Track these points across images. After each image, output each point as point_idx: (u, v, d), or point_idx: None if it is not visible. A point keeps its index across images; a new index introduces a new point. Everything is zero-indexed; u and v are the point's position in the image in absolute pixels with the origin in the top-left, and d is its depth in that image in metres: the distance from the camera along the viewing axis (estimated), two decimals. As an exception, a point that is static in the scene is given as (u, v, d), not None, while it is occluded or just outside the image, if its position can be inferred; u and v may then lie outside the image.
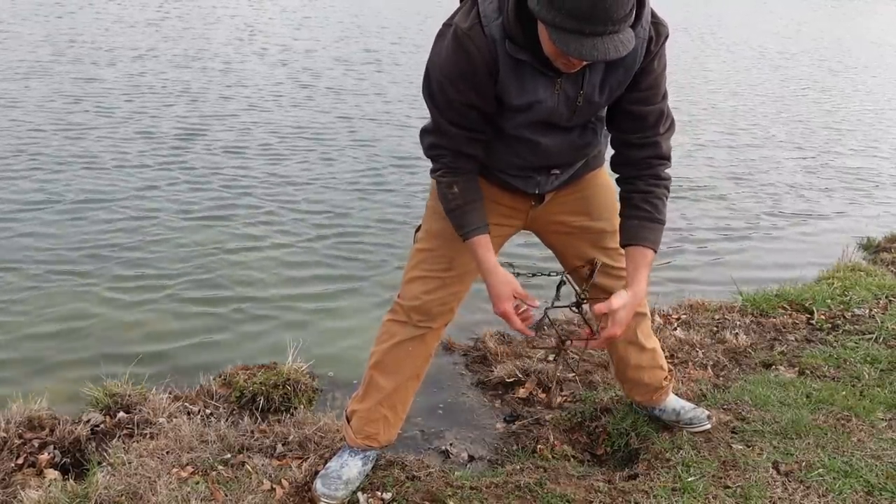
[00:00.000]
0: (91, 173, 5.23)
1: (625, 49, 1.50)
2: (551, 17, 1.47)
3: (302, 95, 8.20)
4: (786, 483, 2.17)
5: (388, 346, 2.09)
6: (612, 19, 1.45)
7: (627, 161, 1.89)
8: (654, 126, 1.83)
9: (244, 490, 2.08)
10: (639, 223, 1.87)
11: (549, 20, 1.48)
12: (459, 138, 1.80)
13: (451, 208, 1.87)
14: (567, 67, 1.62)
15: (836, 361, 2.97)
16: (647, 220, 1.86)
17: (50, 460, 2.30)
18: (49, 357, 3.08)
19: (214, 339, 3.32)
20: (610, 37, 1.47)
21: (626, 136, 1.86)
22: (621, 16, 1.47)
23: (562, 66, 1.62)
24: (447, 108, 1.75)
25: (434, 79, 1.74)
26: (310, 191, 5.26)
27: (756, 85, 11.23)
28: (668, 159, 1.89)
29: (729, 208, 5.59)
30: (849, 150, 7.65)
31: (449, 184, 1.85)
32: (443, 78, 1.71)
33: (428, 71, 1.75)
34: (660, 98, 1.81)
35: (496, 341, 3.22)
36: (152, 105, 7.23)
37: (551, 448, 2.47)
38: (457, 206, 1.86)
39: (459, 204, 1.86)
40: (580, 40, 1.46)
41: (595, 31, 1.46)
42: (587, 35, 1.46)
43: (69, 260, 3.93)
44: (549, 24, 1.48)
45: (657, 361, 2.35)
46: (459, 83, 1.69)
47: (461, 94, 1.71)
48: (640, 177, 1.88)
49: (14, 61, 8.60)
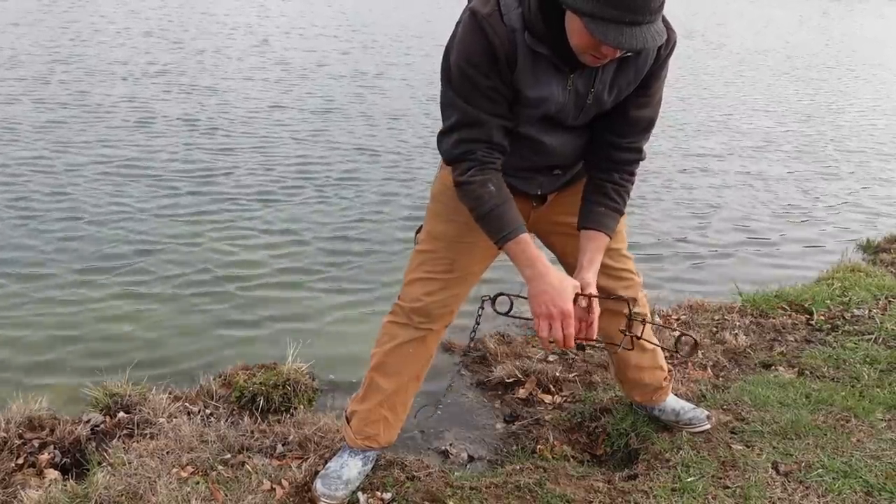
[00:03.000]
0: (91, 174, 5.23)
1: (661, 39, 1.50)
2: (589, 7, 1.46)
3: (303, 95, 8.20)
4: (785, 483, 2.17)
5: (388, 347, 2.09)
6: (650, 8, 1.46)
7: (609, 158, 1.88)
8: (643, 132, 1.85)
9: (244, 490, 2.08)
10: (605, 211, 1.86)
11: (587, 10, 1.46)
12: (492, 126, 1.69)
13: (488, 209, 1.71)
14: (594, 61, 1.60)
15: (836, 362, 2.97)
16: (613, 211, 1.86)
17: (50, 460, 2.30)
18: (49, 357, 3.08)
19: (214, 339, 3.32)
20: (647, 26, 1.47)
21: (615, 138, 1.85)
22: (658, 5, 1.47)
23: (589, 59, 1.59)
24: (475, 95, 1.66)
25: (455, 64, 1.66)
26: (310, 190, 5.25)
27: (756, 84, 11.24)
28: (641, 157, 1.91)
29: (729, 208, 5.59)
30: (849, 150, 7.65)
31: (483, 182, 1.71)
32: (465, 63, 1.64)
33: (449, 59, 1.68)
34: (654, 104, 1.82)
35: (496, 342, 3.22)
36: (152, 105, 7.23)
37: (551, 448, 2.48)
38: (494, 205, 1.71)
39: (497, 203, 1.71)
40: (620, 29, 1.45)
41: (635, 21, 1.45)
42: (627, 24, 1.45)
43: (69, 260, 3.93)
44: (587, 13, 1.47)
45: (657, 362, 2.35)
46: (484, 66, 1.63)
47: (487, 78, 1.64)
48: (617, 170, 1.88)
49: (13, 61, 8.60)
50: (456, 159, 1.74)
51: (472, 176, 1.71)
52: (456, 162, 1.75)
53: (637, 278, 2.17)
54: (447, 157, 1.78)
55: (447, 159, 1.79)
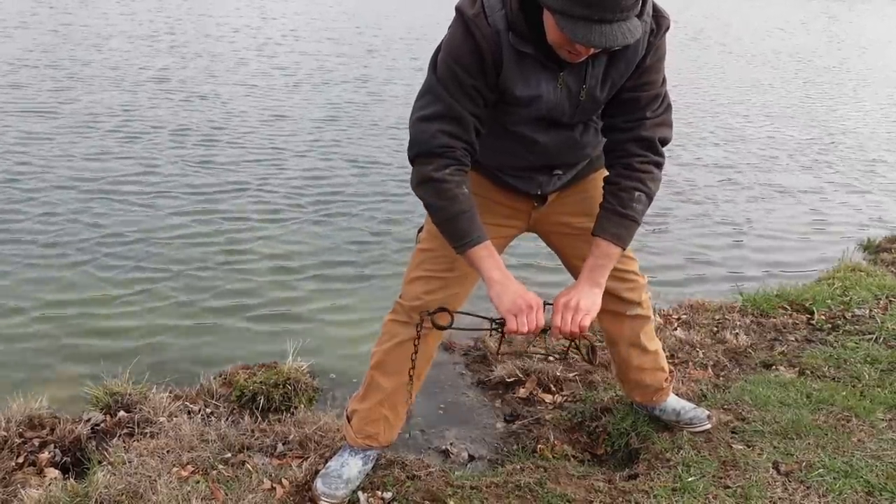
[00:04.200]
0: (92, 174, 5.23)
1: (632, 37, 1.49)
2: (559, 4, 1.46)
3: (304, 94, 8.20)
4: (786, 483, 2.17)
5: (389, 346, 2.09)
6: (620, 6, 1.45)
7: (608, 147, 1.84)
8: (643, 109, 1.76)
9: (244, 489, 2.08)
10: (602, 214, 1.81)
11: (557, 7, 1.47)
12: (471, 126, 1.69)
13: (459, 211, 1.70)
14: (572, 57, 1.60)
15: (837, 362, 2.97)
16: (609, 213, 1.79)
17: (50, 459, 2.30)
18: (49, 356, 3.08)
19: (215, 338, 3.32)
20: (618, 24, 1.46)
21: (613, 120, 1.81)
22: (628, 3, 1.46)
23: (566, 55, 1.59)
24: (459, 92, 1.66)
25: (443, 60, 1.67)
26: (310, 190, 5.25)
27: (756, 85, 11.23)
28: (649, 149, 1.79)
29: (729, 208, 5.58)
30: (850, 150, 7.64)
31: (459, 183, 1.69)
32: (452, 61, 1.65)
33: (440, 53, 1.69)
34: (658, 84, 1.77)
35: (496, 341, 3.22)
36: (153, 103, 7.23)
37: (551, 448, 2.47)
38: (468, 207, 1.70)
39: (469, 206, 1.70)
40: (589, 27, 1.45)
41: (604, 18, 1.45)
42: (596, 22, 1.45)
43: (69, 259, 3.93)
44: (557, 10, 1.47)
45: (659, 363, 2.34)
46: (471, 67, 1.64)
47: (473, 78, 1.64)
48: (613, 166, 1.83)
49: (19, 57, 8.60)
50: (433, 152, 1.70)
51: (452, 175, 1.69)
52: (433, 156, 1.70)
53: (641, 280, 2.17)
54: (423, 147, 1.71)
55: (422, 149, 1.71)
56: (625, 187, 1.79)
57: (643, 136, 1.78)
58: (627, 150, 1.79)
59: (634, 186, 1.79)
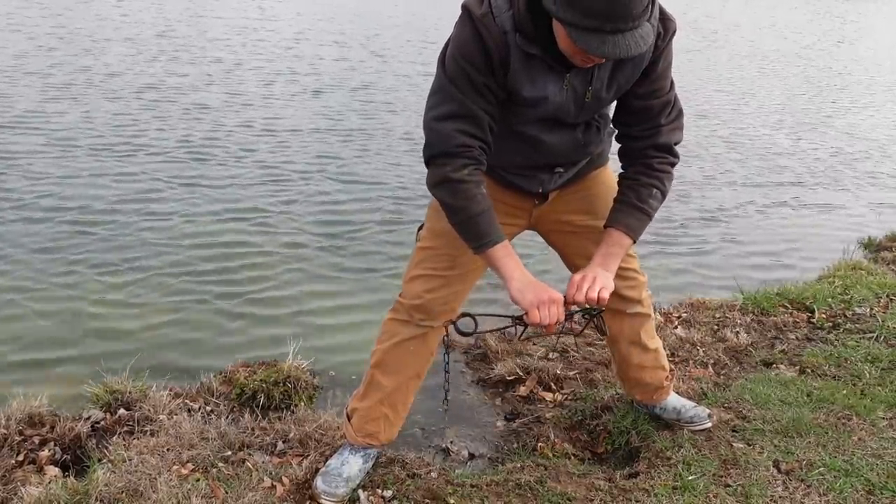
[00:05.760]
0: (92, 174, 5.22)
1: (645, 44, 1.49)
2: (570, 17, 1.46)
3: (304, 91, 8.19)
4: (786, 482, 2.17)
5: (389, 344, 2.09)
6: (631, 15, 1.45)
7: (625, 152, 1.89)
8: (656, 117, 1.81)
9: (245, 487, 2.08)
10: (617, 207, 1.85)
11: (568, 20, 1.46)
12: (485, 123, 1.69)
13: (479, 211, 1.70)
14: (584, 63, 1.61)
15: (837, 360, 2.97)
16: (625, 205, 1.84)
17: (50, 457, 2.30)
18: (50, 354, 3.08)
19: (215, 336, 3.32)
20: (631, 33, 1.46)
21: (628, 129, 1.86)
22: (640, 11, 1.46)
23: (579, 62, 1.60)
24: (470, 90, 1.66)
25: (451, 57, 1.66)
26: (311, 190, 5.24)
27: (756, 85, 11.23)
28: (667, 151, 1.84)
29: (729, 207, 5.58)
30: (850, 149, 7.64)
31: (478, 183, 1.70)
32: (461, 59, 1.64)
33: (448, 51, 1.69)
34: (666, 90, 1.80)
35: (497, 339, 3.22)
36: (154, 103, 7.22)
37: (552, 446, 2.47)
38: (487, 207, 1.71)
39: (488, 206, 1.71)
40: (601, 38, 1.45)
41: (616, 29, 1.45)
42: (608, 32, 1.45)
43: (69, 258, 3.92)
44: (568, 23, 1.47)
45: (659, 361, 2.34)
46: (479, 65, 1.64)
47: (482, 75, 1.64)
48: (632, 165, 1.87)
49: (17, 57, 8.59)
50: (451, 152, 1.69)
51: (470, 175, 1.69)
52: (450, 156, 1.69)
53: (642, 278, 2.17)
54: (440, 148, 1.69)
55: (439, 150, 1.70)
56: (644, 183, 1.84)
57: (660, 142, 1.83)
58: (646, 154, 1.84)
59: (652, 184, 1.84)
